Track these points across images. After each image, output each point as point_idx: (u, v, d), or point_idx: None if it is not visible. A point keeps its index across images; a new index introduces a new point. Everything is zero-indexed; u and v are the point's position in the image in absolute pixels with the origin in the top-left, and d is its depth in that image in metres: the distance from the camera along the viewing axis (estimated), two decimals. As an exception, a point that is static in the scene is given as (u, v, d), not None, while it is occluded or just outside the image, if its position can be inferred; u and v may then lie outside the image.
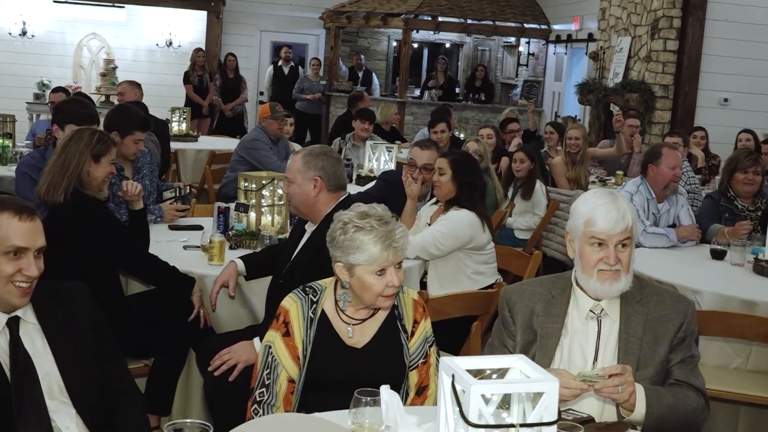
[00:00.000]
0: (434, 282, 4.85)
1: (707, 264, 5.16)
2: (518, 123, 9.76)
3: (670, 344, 2.85)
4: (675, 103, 11.05)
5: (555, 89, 15.72)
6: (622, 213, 2.82)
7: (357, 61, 16.59)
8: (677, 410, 2.72)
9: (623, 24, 11.93)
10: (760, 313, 4.24)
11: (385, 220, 2.91)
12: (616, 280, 2.82)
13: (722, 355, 4.37)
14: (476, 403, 1.81)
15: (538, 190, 7.09)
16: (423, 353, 3.04)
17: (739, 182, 5.72)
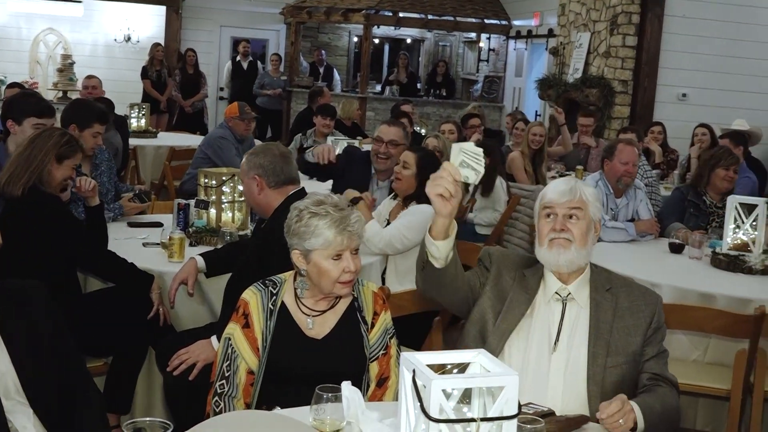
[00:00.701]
0: (393, 278, 4.84)
1: (666, 257, 5.21)
2: (479, 119, 9.77)
3: (644, 336, 2.90)
4: (634, 98, 11.14)
5: (515, 85, 15.79)
6: (571, 186, 2.95)
7: (318, 56, 16.54)
8: (664, 415, 2.77)
9: (582, 20, 12.01)
10: (718, 305, 4.29)
11: (341, 206, 2.95)
12: (566, 249, 2.88)
13: (681, 347, 4.41)
14: (437, 397, 1.81)
15: (498, 186, 7.11)
16: (383, 345, 3.05)
17: (719, 178, 5.75)
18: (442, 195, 2.51)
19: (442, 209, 2.55)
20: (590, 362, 2.83)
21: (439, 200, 2.52)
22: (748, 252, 4.92)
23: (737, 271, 4.85)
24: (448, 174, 2.49)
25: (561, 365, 2.85)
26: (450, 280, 2.84)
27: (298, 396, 2.70)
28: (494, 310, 2.95)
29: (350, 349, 3.00)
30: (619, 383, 2.83)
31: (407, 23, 16.09)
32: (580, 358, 2.85)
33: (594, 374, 2.82)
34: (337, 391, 2.40)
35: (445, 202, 2.52)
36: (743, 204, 5.05)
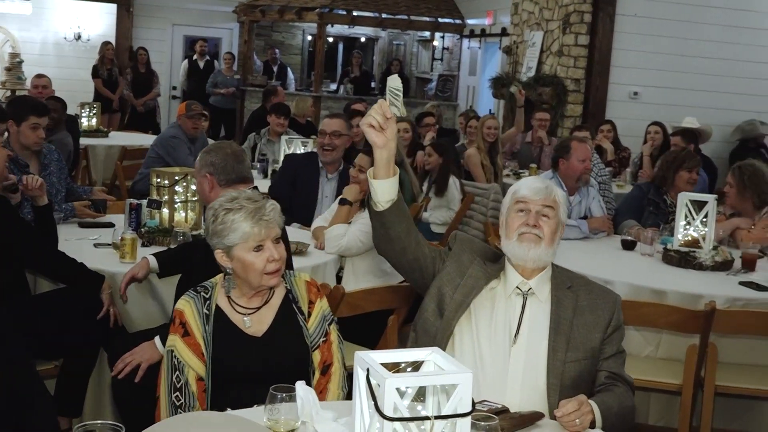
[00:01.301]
0: (350, 277, 4.84)
1: (618, 254, 5.26)
2: (434, 117, 9.80)
3: (604, 333, 2.94)
4: (586, 96, 11.22)
5: (469, 83, 15.86)
6: (546, 185, 3.04)
7: (271, 55, 16.48)
8: (620, 415, 2.80)
9: (535, 19, 12.09)
10: (670, 301, 4.33)
11: (255, 199, 2.97)
12: (536, 244, 2.95)
13: (634, 343, 4.45)
14: (391, 396, 1.80)
15: (452, 185, 7.13)
16: (323, 332, 3.06)
17: (683, 181, 5.78)
18: (372, 125, 2.64)
19: (376, 139, 2.68)
20: (550, 356, 2.86)
21: (371, 131, 2.67)
22: (698, 248, 4.98)
23: (688, 267, 4.90)
24: (378, 107, 2.65)
25: (521, 359, 2.87)
26: (397, 234, 2.91)
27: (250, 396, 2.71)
28: (452, 284, 2.99)
29: (291, 342, 3.01)
30: (578, 378, 2.86)
31: (361, 22, 16.08)
32: (540, 352, 2.88)
33: (553, 368, 2.85)
34: (291, 391, 2.39)
35: (377, 133, 2.66)
36: (693, 201, 5.11)
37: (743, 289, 4.54)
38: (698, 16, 11.30)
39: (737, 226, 5.45)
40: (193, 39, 15.50)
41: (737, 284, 4.62)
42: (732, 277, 4.77)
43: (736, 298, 4.37)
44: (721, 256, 4.94)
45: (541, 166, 8.88)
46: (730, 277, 4.79)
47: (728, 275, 4.82)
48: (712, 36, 11.36)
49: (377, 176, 2.79)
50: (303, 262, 4.50)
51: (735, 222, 5.48)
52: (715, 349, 4.09)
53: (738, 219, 5.49)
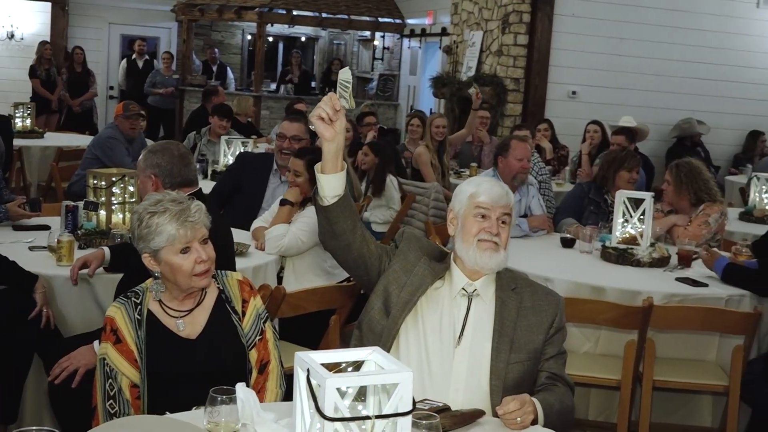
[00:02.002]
0: (291, 277, 4.82)
1: (558, 252, 5.31)
2: (375, 117, 9.80)
3: (546, 335, 2.96)
4: (526, 96, 11.32)
5: (410, 83, 15.90)
6: (505, 190, 3.05)
7: (211, 54, 16.34)
8: (561, 415, 2.83)
9: (475, 18, 12.16)
10: (608, 298, 4.38)
11: (179, 201, 2.95)
12: (496, 252, 2.95)
13: (573, 340, 4.49)
14: (332, 396, 1.79)
15: (390, 184, 7.13)
16: (258, 330, 3.05)
17: (624, 180, 5.84)
18: (321, 117, 2.65)
19: (324, 132, 2.68)
20: (494, 358, 2.87)
21: (320, 123, 2.67)
22: (636, 245, 5.04)
23: (626, 264, 4.96)
24: (327, 100, 2.66)
25: (464, 360, 2.88)
26: (342, 230, 2.90)
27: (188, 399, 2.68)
28: (399, 282, 2.98)
29: (227, 342, 2.99)
30: (520, 379, 2.88)
31: (301, 21, 16.03)
32: (483, 353, 2.89)
33: (497, 369, 2.86)
34: (231, 393, 2.37)
35: (325, 125, 2.67)
36: (631, 198, 5.17)
37: (680, 285, 4.61)
38: (634, 16, 11.46)
39: (674, 223, 5.54)
40: (131, 38, 15.31)
41: (674, 280, 4.69)
42: (669, 274, 4.84)
43: (672, 294, 4.44)
44: (658, 253, 5.01)
45: (482, 165, 8.94)
46: (667, 273, 4.86)
47: (665, 271, 4.89)
48: (648, 36, 11.54)
49: (325, 170, 2.78)
50: (243, 263, 4.46)
51: (672, 219, 5.57)
52: (653, 345, 4.15)
53: (675, 216, 5.58)
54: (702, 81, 11.81)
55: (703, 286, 4.57)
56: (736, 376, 4.15)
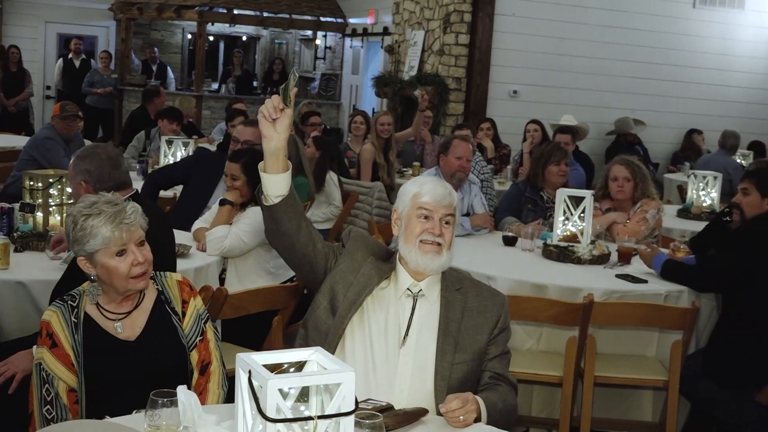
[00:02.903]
0: (233, 278, 4.78)
1: (500, 250, 5.33)
2: (319, 116, 9.77)
3: (490, 335, 2.97)
4: (468, 95, 11.38)
5: (352, 82, 15.89)
6: (448, 190, 3.01)
7: (150, 54, 16.17)
8: (504, 413, 2.83)
9: (417, 18, 12.19)
10: (550, 295, 4.42)
11: (115, 202, 2.90)
12: (438, 254, 2.94)
13: (516, 337, 4.52)
14: (273, 397, 1.78)
15: (329, 180, 7.12)
16: (199, 331, 3.01)
17: (553, 174, 5.89)
18: (263, 114, 2.66)
19: (263, 130, 2.68)
20: (438, 358, 2.87)
21: (262, 121, 2.68)
22: (576, 243, 5.09)
23: (567, 261, 5.01)
24: (272, 99, 2.66)
25: (409, 360, 2.87)
26: (286, 229, 2.86)
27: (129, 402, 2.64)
28: (345, 282, 2.96)
29: (167, 344, 2.95)
30: (464, 380, 2.88)
31: (242, 20, 15.94)
32: (428, 354, 2.88)
33: (441, 370, 2.86)
34: (172, 396, 2.33)
35: (266, 123, 2.67)
36: (571, 196, 5.22)
37: (619, 281, 4.66)
38: (574, 16, 11.59)
39: (613, 220, 5.61)
40: (68, 37, 15.05)
41: (614, 277, 4.74)
42: (609, 270, 4.90)
43: (612, 291, 4.49)
44: (599, 250, 5.07)
45: (425, 164, 8.97)
46: (607, 270, 4.91)
47: (605, 268, 4.94)
48: (588, 35, 11.68)
49: (266, 169, 2.75)
50: (185, 264, 4.41)
51: (611, 217, 5.63)
52: (594, 341, 4.19)
53: (614, 214, 5.65)
54: (641, 80, 11.99)
55: (642, 283, 4.63)
56: (675, 370, 4.21)
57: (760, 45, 12.63)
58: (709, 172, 7.60)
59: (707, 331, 4.72)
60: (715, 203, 7.29)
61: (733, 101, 12.53)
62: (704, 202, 7.34)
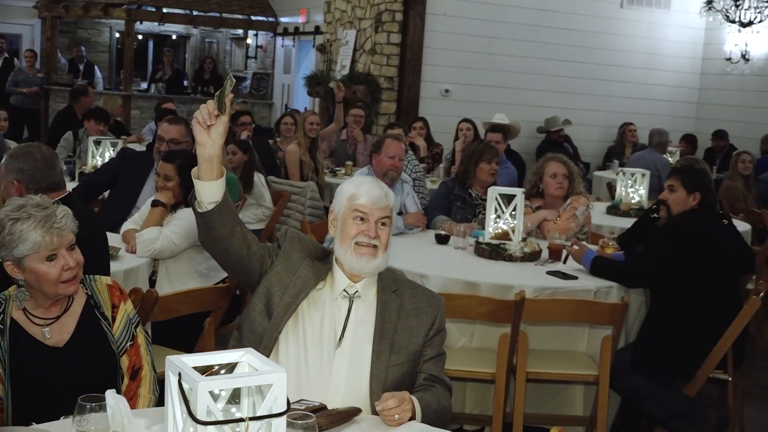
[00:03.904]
0: (164, 280, 4.72)
1: (432, 249, 5.35)
2: (250, 116, 9.70)
3: (426, 337, 2.96)
4: (400, 94, 11.41)
5: (284, 82, 15.83)
6: (384, 191, 2.98)
7: (77, 53, 15.90)
8: (437, 413, 2.84)
9: (348, 17, 12.18)
10: (482, 293, 4.44)
11: (44, 206, 2.84)
12: (374, 257, 2.92)
13: (449, 335, 4.48)
14: (204, 400, 1.76)
15: (257, 182, 7.08)
16: (129, 336, 2.97)
17: (484, 172, 5.93)
18: (197, 120, 2.64)
19: (197, 135, 2.66)
20: (374, 360, 2.86)
21: (196, 127, 2.65)
22: (508, 240, 5.13)
23: (499, 259, 5.04)
24: (207, 105, 2.63)
25: (344, 362, 2.85)
26: (220, 234, 2.83)
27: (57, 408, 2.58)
28: (281, 284, 2.93)
29: (96, 349, 2.90)
30: (400, 381, 2.87)
31: (171, 19, 15.77)
32: (363, 356, 2.87)
33: (377, 372, 2.85)
34: (100, 400, 2.29)
35: (200, 129, 2.64)
36: (503, 195, 5.26)
37: (550, 278, 4.71)
38: (505, 15, 11.70)
39: (544, 218, 5.67)
40: (-10, 36, 14.73)
41: (545, 274, 4.79)
42: (540, 267, 4.94)
43: (544, 288, 4.53)
44: (530, 248, 5.11)
45: (357, 164, 8.96)
46: (539, 267, 4.96)
47: (536, 265, 4.99)
48: (519, 35, 11.79)
49: (200, 176, 2.72)
50: (114, 266, 4.33)
51: (541, 214, 5.69)
52: (526, 337, 4.23)
53: (544, 211, 5.70)
54: (571, 79, 12.15)
55: (572, 279, 4.68)
56: (605, 365, 4.27)
57: (686, 44, 12.91)
58: (637, 170, 7.73)
59: (636, 326, 4.80)
60: (643, 200, 7.41)
61: (660, 100, 12.78)
62: (633, 199, 7.46)
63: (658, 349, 4.47)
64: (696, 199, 4.70)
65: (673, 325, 4.44)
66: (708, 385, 4.66)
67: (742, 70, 12.31)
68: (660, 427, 4.54)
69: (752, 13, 11.73)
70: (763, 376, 6.06)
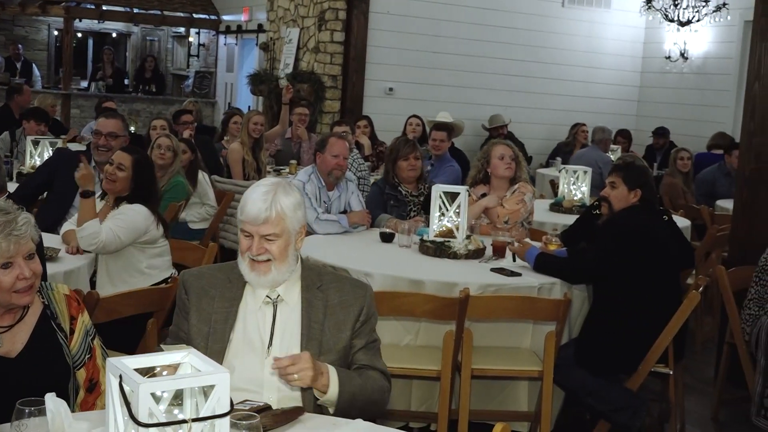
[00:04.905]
0: (105, 280, 4.65)
1: (377, 247, 5.35)
2: (192, 115, 9.60)
3: (353, 330, 2.91)
4: (344, 93, 11.40)
5: (227, 80, 15.72)
6: (267, 205, 2.79)
7: (14, 51, 15.63)
8: (365, 389, 2.80)
9: (291, 15, 12.14)
10: (427, 290, 4.45)
11: (7, 210, 2.71)
12: (266, 273, 2.83)
13: (394, 333, 4.55)
14: (146, 402, 1.73)
15: (201, 180, 7.02)
16: (87, 349, 2.88)
17: (403, 170, 5.97)
18: None
19: None
20: None
21: None
22: (452, 238, 5.15)
23: (443, 256, 5.06)
24: None
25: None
26: None
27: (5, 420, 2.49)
28: (202, 335, 2.84)
29: (50, 362, 2.79)
30: None
31: (111, 17, 15.57)
32: None
33: None
34: (40, 405, 2.24)
35: None
36: (447, 192, 5.28)
37: (494, 275, 4.74)
38: (448, 14, 11.75)
39: (485, 206, 5.72)
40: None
41: (489, 271, 4.82)
42: (484, 265, 4.97)
43: (488, 285, 4.55)
44: (474, 245, 5.14)
45: (301, 163, 8.93)
46: (483, 264, 4.99)
47: (480, 263, 5.02)
48: (462, 34, 11.85)
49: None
50: (54, 268, 4.27)
51: (482, 204, 5.73)
52: (470, 334, 4.24)
53: (484, 200, 5.73)
54: (514, 77, 12.25)
55: (516, 276, 4.71)
56: (549, 361, 4.31)
57: (626, 43, 13.08)
58: (579, 167, 7.82)
59: (579, 322, 4.84)
60: (585, 197, 7.49)
61: (602, 98, 12.94)
62: (575, 196, 7.54)
63: (601, 344, 4.52)
64: (637, 195, 4.76)
65: (615, 320, 4.49)
66: (650, 379, 4.72)
67: (681, 68, 12.52)
68: (603, 420, 4.60)
69: (690, 12, 11.93)
70: (703, 370, 6.17)
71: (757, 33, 5.76)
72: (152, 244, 4.73)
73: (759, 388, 4.82)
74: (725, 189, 8.78)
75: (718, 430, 5.30)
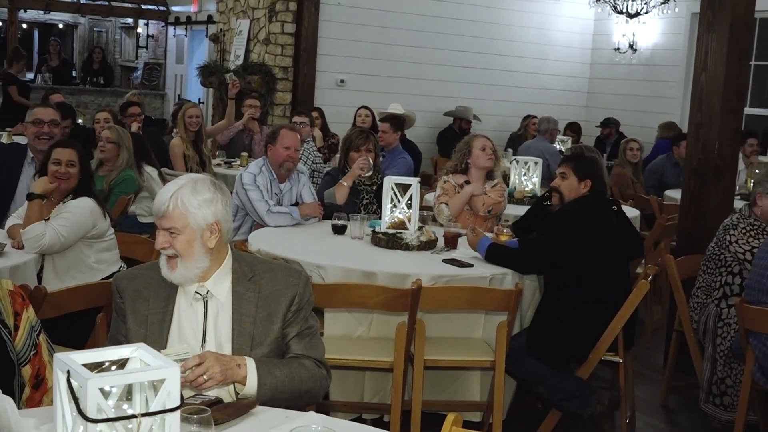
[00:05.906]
0: (51, 275, 4.58)
1: (330, 239, 5.34)
2: (140, 107, 9.48)
3: (284, 319, 2.87)
4: (295, 84, 11.34)
5: (177, 72, 15.58)
6: (168, 195, 2.79)
7: (-42, 42, 15.34)
8: (293, 379, 2.76)
9: (241, 6, 12.04)
10: (379, 282, 4.45)
11: None
12: (173, 269, 2.80)
13: (346, 325, 4.54)
14: (94, 397, 1.71)
15: (149, 175, 6.94)
16: (32, 344, 2.81)
17: (355, 161, 5.96)
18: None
19: None
20: None
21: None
22: (404, 230, 5.16)
23: (395, 248, 5.06)
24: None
25: None
26: None
27: None
28: (140, 337, 2.79)
29: None
30: None
31: (57, 7, 15.35)
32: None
33: None
34: (-16, 403, 2.20)
35: None
36: (399, 184, 5.28)
37: (446, 266, 4.75)
38: (399, 5, 11.74)
39: (471, 193, 5.74)
40: None
41: (441, 262, 4.83)
42: (436, 256, 4.98)
43: (440, 276, 4.56)
44: (426, 236, 5.15)
45: (253, 155, 8.87)
46: (435, 255, 5.00)
47: (432, 254, 5.03)
48: (414, 25, 11.85)
49: None
50: (0, 263, 4.20)
51: (467, 190, 5.74)
52: (423, 325, 4.25)
53: (469, 187, 5.75)
54: (465, 69, 12.27)
55: (468, 267, 4.73)
56: (501, 350, 4.33)
57: (576, 35, 13.18)
58: (530, 158, 7.87)
59: (530, 312, 4.88)
60: (536, 188, 7.55)
61: (552, 89, 13.02)
62: (526, 187, 7.59)
63: (552, 333, 4.56)
64: (587, 186, 4.81)
65: (566, 309, 4.54)
66: (600, 367, 4.78)
67: (630, 60, 12.65)
68: (554, 409, 4.64)
69: (639, 4, 12.04)
70: (652, 358, 6.25)
71: (703, 25, 5.84)
72: (100, 238, 4.67)
73: (707, 375, 4.90)
74: (673, 179, 8.91)
75: (668, 416, 5.38)
